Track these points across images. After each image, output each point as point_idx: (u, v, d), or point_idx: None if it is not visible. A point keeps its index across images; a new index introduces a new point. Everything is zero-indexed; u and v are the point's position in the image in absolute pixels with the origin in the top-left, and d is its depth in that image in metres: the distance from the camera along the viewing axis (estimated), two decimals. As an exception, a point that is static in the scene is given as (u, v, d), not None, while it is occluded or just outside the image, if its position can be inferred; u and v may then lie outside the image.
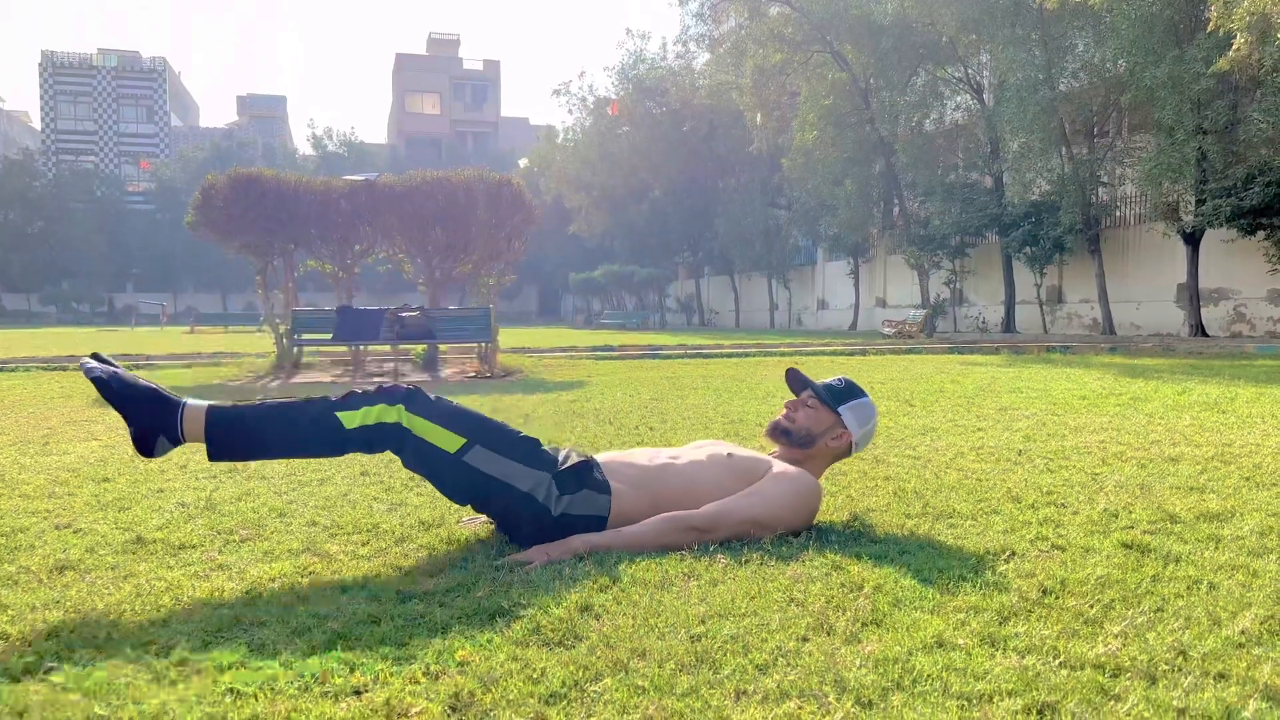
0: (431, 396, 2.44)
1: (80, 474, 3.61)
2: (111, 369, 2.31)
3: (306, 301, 14.50)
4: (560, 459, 2.48)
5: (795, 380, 2.81)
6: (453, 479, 2.41)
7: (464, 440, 2.38)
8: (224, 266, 52.97)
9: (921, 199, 26.49)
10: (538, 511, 2.37)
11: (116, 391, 2.28)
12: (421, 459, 2.40)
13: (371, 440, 2.37)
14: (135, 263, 56.55)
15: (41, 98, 62.09)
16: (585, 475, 2.44)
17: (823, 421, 2.68)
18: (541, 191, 44.79)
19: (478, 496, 2.42)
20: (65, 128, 62.50)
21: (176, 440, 2.30)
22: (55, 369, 10.78)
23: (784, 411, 2.75)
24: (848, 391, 2.74)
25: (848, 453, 2.73)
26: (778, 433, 2.71)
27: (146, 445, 2.30)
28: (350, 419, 2.34)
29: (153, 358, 13.15)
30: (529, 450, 2.45)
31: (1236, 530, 2.52)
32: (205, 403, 2.34)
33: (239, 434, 2.32)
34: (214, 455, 2.33)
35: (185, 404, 2.31)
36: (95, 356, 2.36)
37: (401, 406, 2.38)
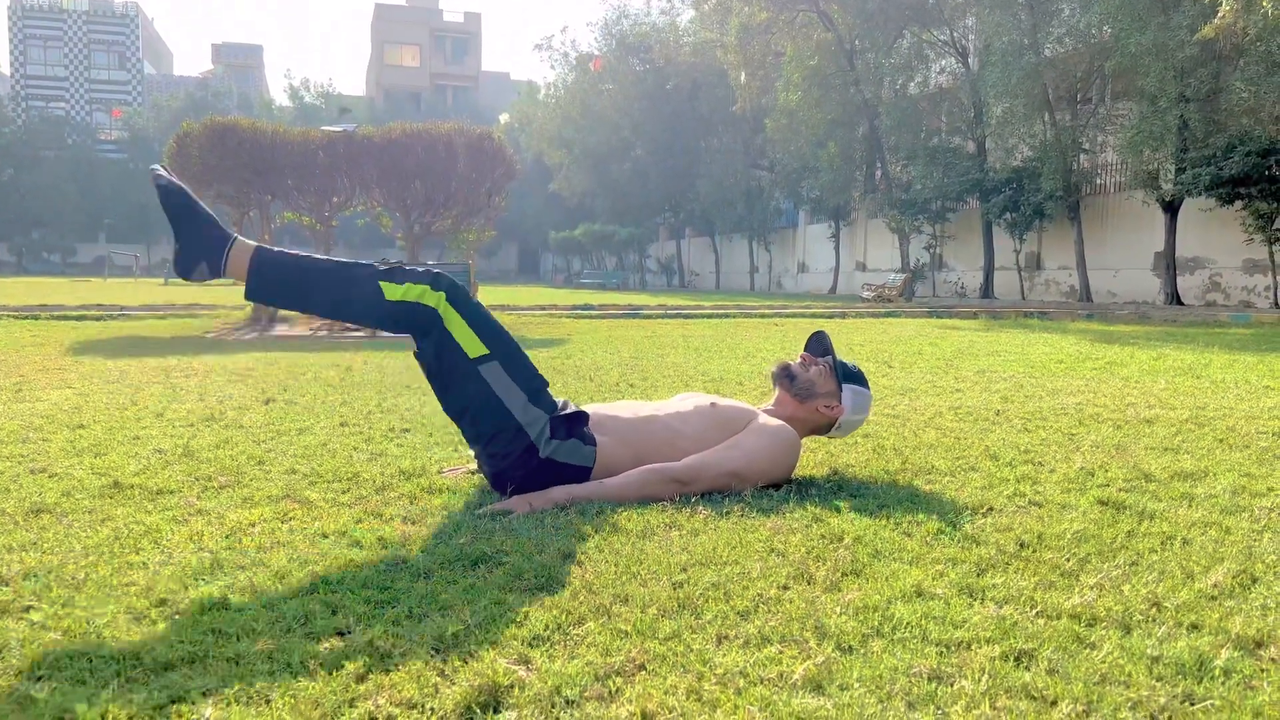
0: (472, 298, 2.42)
1: (55, 420, 3.56)
2: (178, 183, 2.32)
3: (283, 254, 14.32)
4: (559, 404, 2.48)
5: (818, 343, 2.83)
6: (460, 384, 2.38)
7: (487, 351, 2.37)
8: (199, 218, 52.14)
9: (904, 163, 26.46)
10: (527, 447, 2.36)
11: (178, 203, 2.29)
12: (440, 354, 2.37)
13: (403, 319, 2.35)
14: (107, 213, 55.64)
15: (10, 42, 60.61)
16: (577, 425, 2.44)
17: (825, 385, 2.71)
18: (522, 148, 44.36)
19: (473, 411, 2.38)
20: (35, 73, 61.13)
21: (218, 270, 2.30)
22: (27, 318, 10.63)
23: (799, 359, 2.77)
24: (857, 376, 2.77)
25: (829, 428, 2.74)
26: (785, 373, 2.73)
27: (186, 267, 2.30)
28: (392, 291, 2.32)
29: (127, 308, 12.99)
30: (538, 387, 2.44)
31: (1210, 489, 2.55)
32: (254, 243, 2.33)
33: (283, 277, 2.32)
34: (252, 293, 2.31)
35: (235, 239, 2.31)
36: (164, 167, 2.39)
37: (444, 295, 2.35)
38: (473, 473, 2.68)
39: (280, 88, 73.06)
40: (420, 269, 2.39)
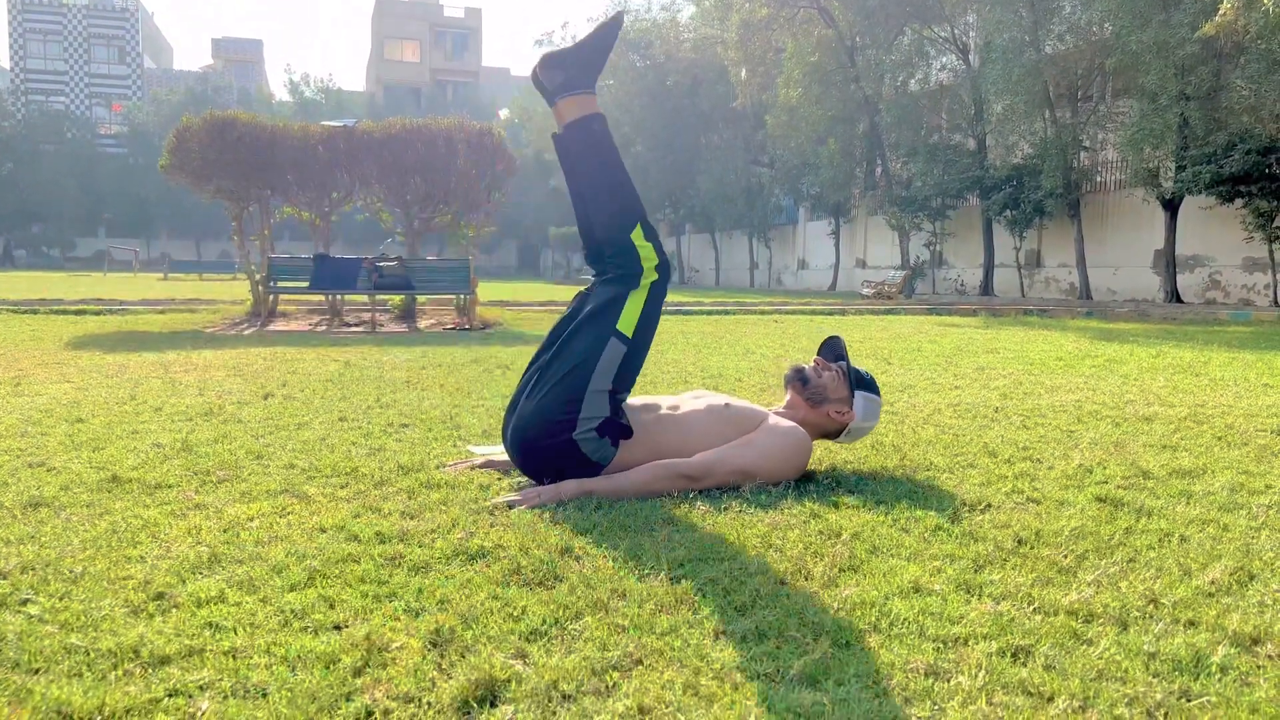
0: (665, 294, 2.53)
1: (53, 414, 3.56)
2: (620, 20, 2.59)
3: (283, 250, 14.33)
4: (623, 411, 2.51)
5: (834, 348, 2.84)
6: (588, 335, 2.44)
7: (630, 336, 2.45)
8: (198, 213, 52.16)
9: (904, 160, 26.40)
10: (568, 422, 2.39)
11: (608, 35, 2.53)
12: (603, 304, 2.46)
13: (619, 258, 2.49)
14: (107, 207, 55.50)
15: (10, 36, 60.47)
16: (618, 434, 2.47)
17: (838, 391, 2.72)
18: (522, 144, 44.29)
19: (568, 358, 2.43)
20: (35, 67, 61.00)
21: (573, 88, 2.52)
22: (27, 312, 10.62)
23: (813, 363, 2.77)
24: (871, 384, 2.77)
25: (838, 434, 2.74)
26: (799, 377, 2.74)
27: (556, 64, 2.51)
28: (638, 235, 2.49)
29: (126, 303, 12.98)
30: (623, 392, 2.49)
31: (1208, 486, 2.55)
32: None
33: (601, 146, 2.53)
34: (569, 134, 2.53)
35: (593, 91, 2.57)
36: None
37: (655, 278, 2.49)
38: (472, 468, 2.68)
39: (280, 83, 72.95)
40: (663, 249, 2.53)
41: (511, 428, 2.46)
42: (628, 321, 2.45)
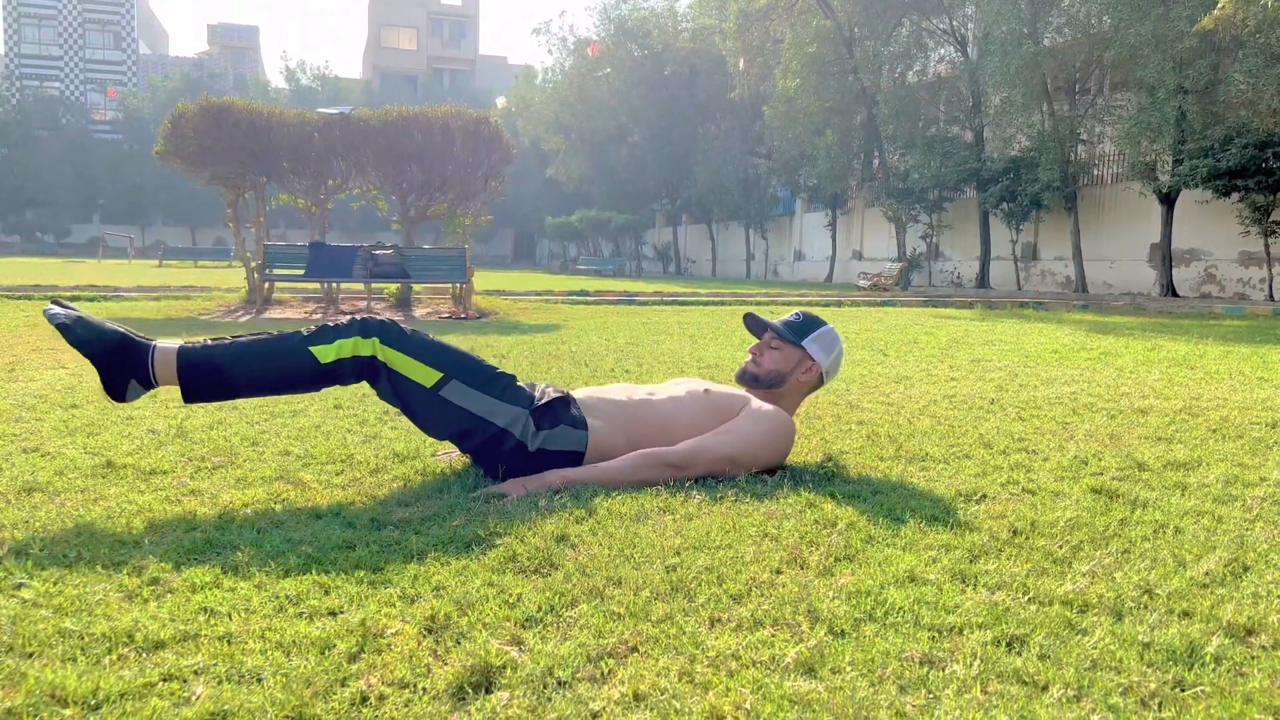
0: (406, 330, 2.41)
1: (48, 400, 3.55)
2: (74, 313, 2.24)
3: (278, 237, 14.30)
4: (537, 395, 2.47)
5: (754, 323, 2.80)
6: (429, 413, 2.39)
7: (440, 374, 2.36)
8: (193, 200, 52.01)
9: (901, 152, 26.37)
10: (515, 447, 2.36)
11: (81, 338, 2.21)
12: (397, 392, 2.38)
13: (347, 374, 2.35)
14: (102, 193, 55.32)
15: (4, 21, 60.14)
16: (562, 411, 2.43)
17: (789, 359, 2.68)
18: (519, 133, 44.17)
19: (455, 431, 2.40)
20: (29, 52, 60.67)
21: (149, 384, 2.26)
22: (21, 298, 10.59)
23: (749, 357, 2.74)
24: (807, 324, 2.73)
25: (820, 383, 2.73)
26: (747, 378, 2.71)
27: (118, 390, 2.25)
28: (325, 353, 2.31)
29: (121, 289, 12.94)
30: (505, 386, 2.44)
31: (1202, 478, 2.56)
32: (175, 344, 2.28)
33: (212, 375, 2.27)
34: (189, 398, 2.29)
35: (155, 346, 2.26)
36: (56, 302, 2.28)
37: (376, 339, 2.35)
38: (466, 453, 2.68)
39: (276, 70, 72.69)
40: (344, 322, 2.36)
41: (486, 470, 2.44)
42: (422, 375, 2.35)
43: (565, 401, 2.47)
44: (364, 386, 4.10)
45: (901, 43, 25.15)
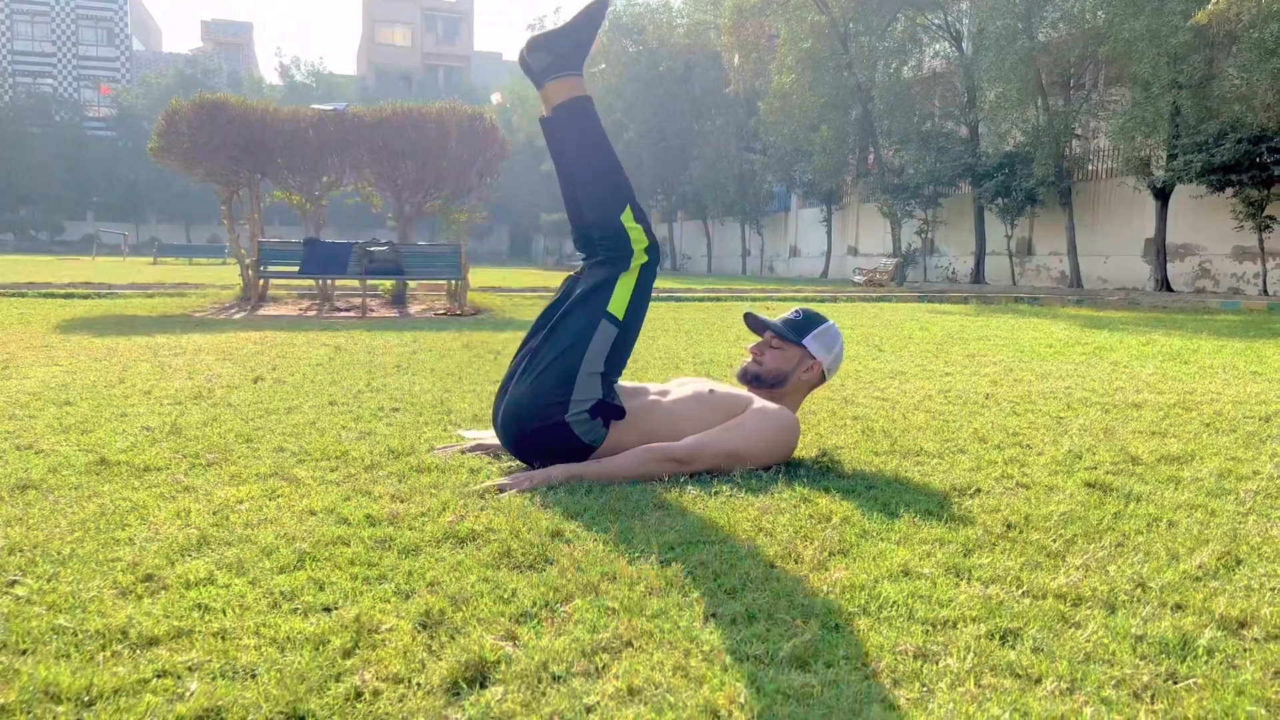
0: (655, 275, 2.53)
1: (41, 398, 3.54)
2: None
3: (273, 234, 14.27)
4: (615, 394, 2.51)
5: (754, 322, 2.82)
6: (579, 318, 2.44)
7: (621, 318, 2.45)
8: (188, 197, 51.85)
9: (896, 147, 26.37)
10: (561, 402, 2.39)
11: (596, 14, 2.54)
12: (593, 286, 2.46)
13: (609, 241, 2.48)
14: (96, 191, 55.10)
15: (-4, 16, 59.87)
16: (610, 416, 2.46)
17: (790, 358, 2.69)
18: (514, 129, 44.08)
19: (560, 340, 2.43)
20: (22, 49, 60.40)
21: (562, 68, 2.53)
22: (14, 295, 10.56)
23: (750, 356, 2.75)
24: (807, 322, 2.75)
25: (821, 380, 2.74)
26: (749, 378, 2.72)
27: (544, 45, 2.52)
28: (628, 218, 2.50)
29: (115, 287, 12.91)
30: (614, 375, 2.49)
31: (1196, 472, 2.57)
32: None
33: (589, 128, 2.53)
34: (556, 116, 2.56)
35: (580, 73, 2.59)
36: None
37: (645, 260, 2.50)
38: (462, 451, 2.68)
39: (270, 66, 72.38)
40: (653, 231, 2.53)
41: (503, 411, 2.46)
42: (619, 304, 2.45)
43: (619, 413, 2.48)
44: (360, 382, 4.10)
45: (896, 38, 25.15)
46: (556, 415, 2.38)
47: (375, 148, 11.11)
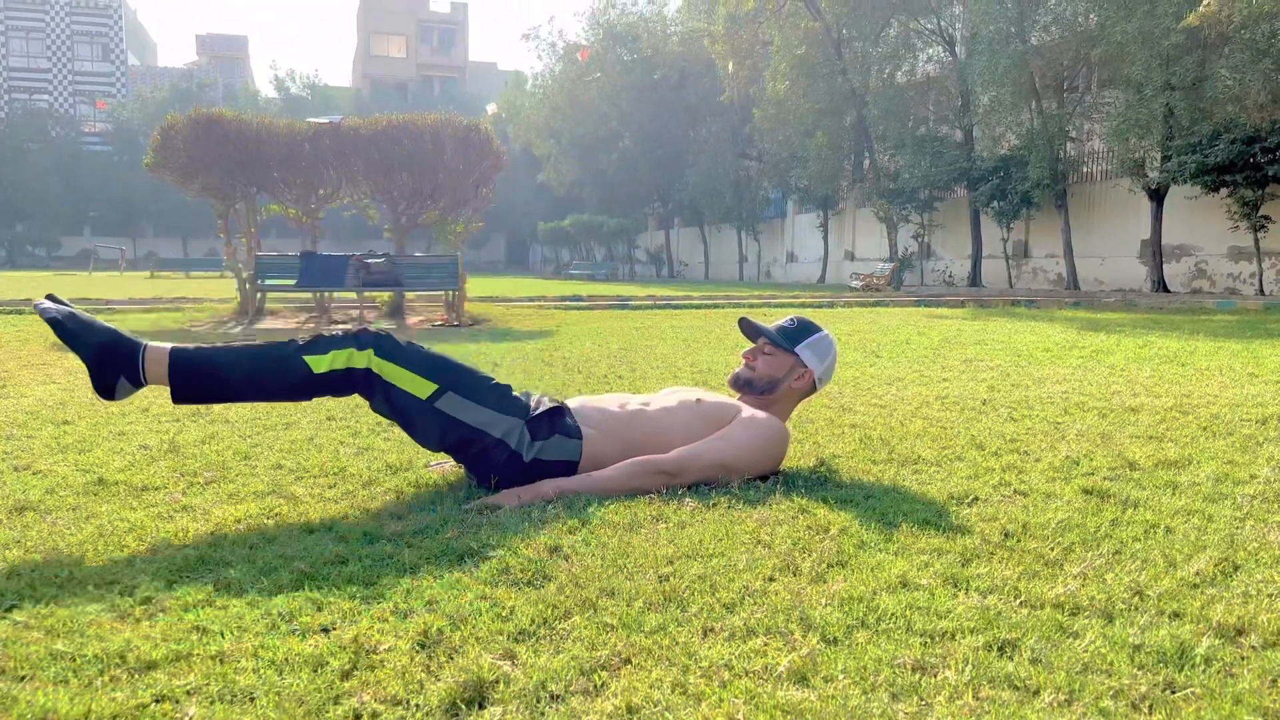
0: (401, 341, 2.41)
1: (39, 417, 3.54)
2: (66, 309, 2.27)
3: (269, 247, 14.27)
4: (532, 405, 2.47)
5: (749, 328, 2.79)
6: (425, 425, 2.39)
7: (436, 386, 2.36)
8: (184, 211, 51.85)
9: (891, 152, 26.44)
10: (510, 457, 2.37)
11: (72, 332, 2.23)
12: (392, 404, 2.38)
13: (340, 385, 2.36)
14: (92, 205, 55.14)
15: (-9, 33, 59.94)
16: (557, 421, 2.44)
17: (782, 365, 2.68)
18: (510, 139, 44.16)
19: (450, 442, 2.40)
20: (17, 65, 60.51)
21: (138, 382, 2.27)
22: (11, 312, 10.56)
23: (743, 362, 2.75)
24: (802, 330, 2.72)
25: (813, 389, 2.73)
26: (740, 383, 2.71)
27: (107, 388, 2.26)
28: (318, 364, 2.31)
29: (113, 302, 12.91)
30: (500, 396, 2.44)
31: (1193, 477, 2.57)
32: (168, 345, 2.30)
33: (203, 377, 2.29)
34: (178, 398, 2.30)
35: (146, 346, 2.27)
36: (50, 297, 2.30)
37: (371, 351, 2.35)
38: (461, 466, 2.68)
39: (266, 79, 72.56)
40: (340, 334, 2.37)
41: (479, 480, 2.45)
42: (417, 387, 2.35)
43: (560, 411, 2.47)
44: (356, 397, 4.10)
45: (890, 43, 25.23)
46: (518, 465, 2.37)
47: (371, 160, 11.13)
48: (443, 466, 2.68)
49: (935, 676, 1.33)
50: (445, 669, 1.34)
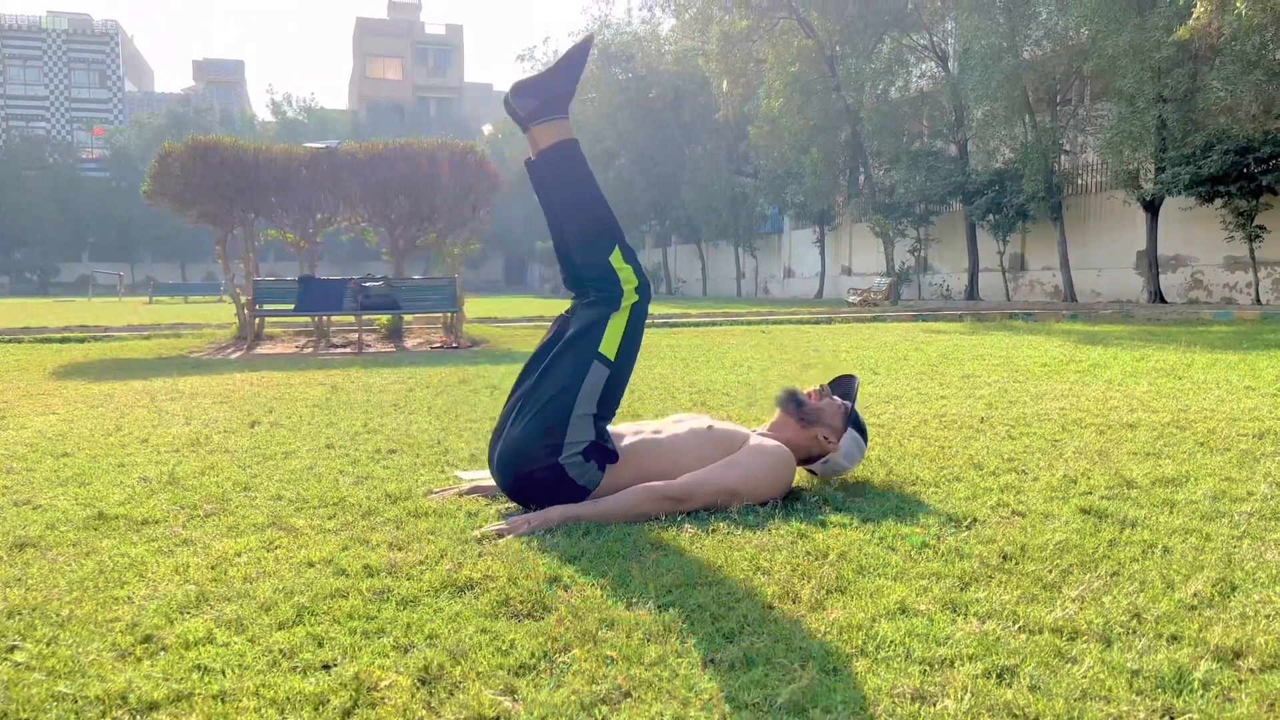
0: (643, 323, 2.53)
1: (38, 449, 3.55)
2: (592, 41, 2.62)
3: (268, 271, 14.30)
4: (609, 436, 2.52)
5: (846, 385, 2.87)
6: (570, 359, 2.45)
7: (612, 359, 2.46)
8: (182, 236, 52.04)
9: (886, 167, 26.56)
10: (555, 445, 2.40)
11: (579, 57, 2.59)
12: (584, 327, 2.47)
13: (599, 281, 2.49)
14: (90, 231, 55.31)
15: (-11, 62, 60.23)
16: (605, 459, 2.48)
17: (833, 419, 2.73)
18: (506, 159, 44.33)
19: (552, 382, 2.44)
20: (15, 93, 60.80)
21: (551, 111, 2.56)
22: (10, 341, 10.56)
23: (814, 388, 2.80)
24: (863, 430, 2.79)
25: (816, 459, 2.75)
26: (793, 399, 2.75)
27: (530, 90, 2.53)
28: (617, 258, 2.49)
29: (111, 329, 12.92)
30: (607, 416, 2.51)
31: (1190, 495, 2.58)
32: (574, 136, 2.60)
33: (576, 173, 2.55)
34: (543, 160, 2.58)
35: (567, 116, 2.61)
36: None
37: (635, 300, 2.50)
38: (460, 494, 2.68)
39: (263, 103, 72.68)
40: (642, 270, 2.52)
41: (498, 455, 2.47)
42: (610, 344, 2.46)
43: (614, 456, 2.50)
44: (357, 423, 4.11)
45: (883, 59, 25.37)
46: (551, 459, 2.39)
47: (368, 184, 11.17)
48: (443, 494, 2.69)
49: (934, 705, 1.34)
50: (446, 705, 1.35)
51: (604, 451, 2.46)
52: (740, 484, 2.46)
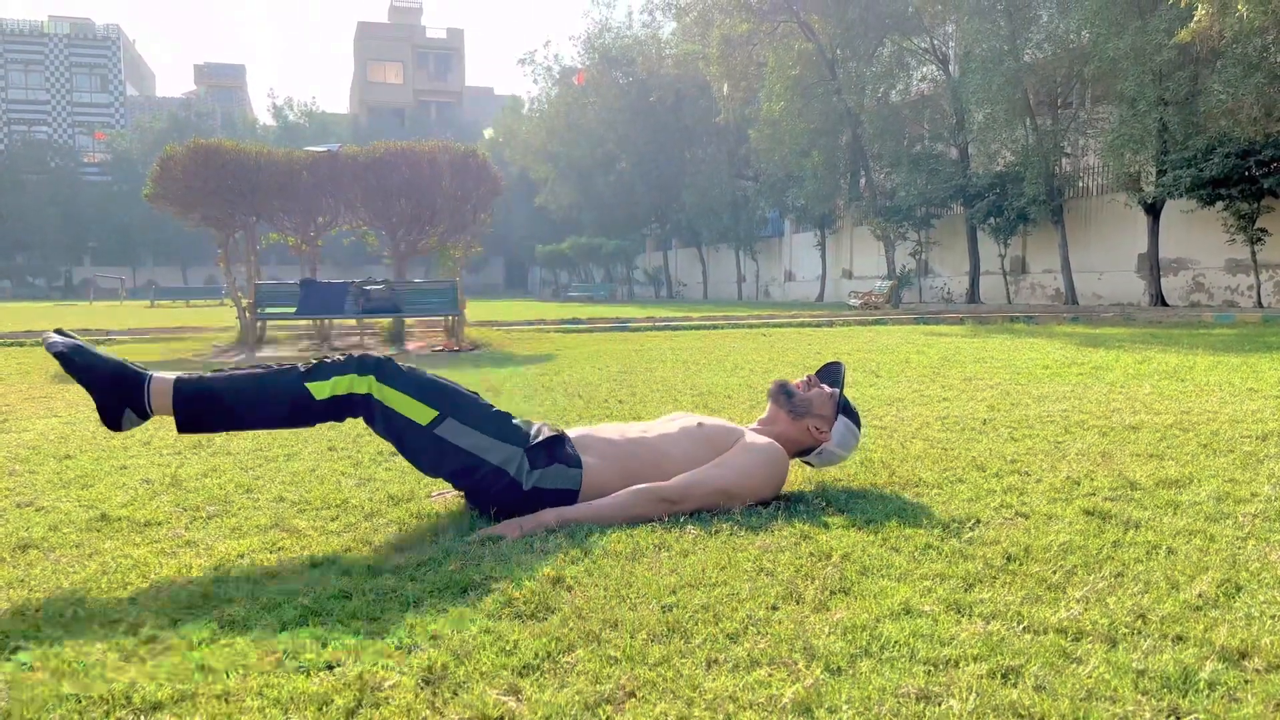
0: (403, 367, 2.42)
1: (41, 451, 3.55)
2: (73, 342, 2.29)
3: (269, 275, 14.31)
4: (532, 433, 2.48)
5: (831, 373, 2.85)
6: (424, 451, 2.40)
7: (436, 413, 2.37)
8: (184, 239, 52.10)
9: (887, 170, 26.60)
10: (509, 485, 2.37)
11: (80, 365, 2.25)
12: (392, 429, 2.39)
13: (341, 410, 2.37)
14: (92, 235, 55.41)
15: (-9, 66, 60.34)
16: (557, 449, 2.44)
17: (823, 409, 2.72)
18: (507, 163, 44.41)
19: (449, 469, 2.40)
20: (16, 97, 60.90)
21: (144, 414, 2.28)
22: (12, 344, 10.57)
23: (803, 379, 2.78)
24: (854, 416, 2.77)
25: (809, 451, 2.74)
26: (783, 390, 2.74)
27: (113, 419, 2.27)
28: (320, 389, 2.32)
29: (113, 333, 12.93)
30: (501, 424, 2.45)
31: (1194, 496, 2.57)
32: (172, 375, 2.31)
33: (207, 406, 2.30)
34: (183, 428, 2.31)
35: (151, 376, 2.29)
36: (58, 331, 2.32)
37: (372, 377, 2.36)
38: (462, 495, 2.68)
39: (264, 107, 72.77)
40: (342, 359, 2.38)
41: (480, 510, 2.45)
42: (417, 413, 2.36)
43: (559, 440, 2.48)
44: (359, 425, 4.11)
45: (883, 63, 25.41)
46: (515, 493, 2.37)
47: (369, 187, 11.17)
48: (445, 496, 2.68)
49: (939, 706, 1.34)
50: (450, 705, 1.34)
51: (547, 446, 2.43)
52: (733, 483, 2.45)
